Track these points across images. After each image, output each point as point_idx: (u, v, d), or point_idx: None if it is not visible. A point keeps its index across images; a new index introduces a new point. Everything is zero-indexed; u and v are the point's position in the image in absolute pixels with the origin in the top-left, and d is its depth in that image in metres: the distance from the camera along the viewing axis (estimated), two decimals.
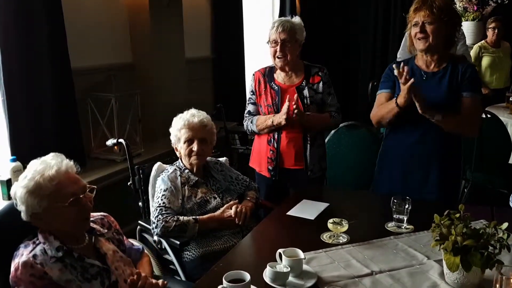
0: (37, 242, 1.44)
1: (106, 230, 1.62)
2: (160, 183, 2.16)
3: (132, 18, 3.58)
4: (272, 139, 2.52)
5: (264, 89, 2.54)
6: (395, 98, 2.16)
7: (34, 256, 1.38)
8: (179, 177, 2.17)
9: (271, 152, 2.53)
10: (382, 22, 6.34)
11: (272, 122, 2.43)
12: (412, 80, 2.02)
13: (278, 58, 2.44)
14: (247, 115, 2.63)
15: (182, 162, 2.25)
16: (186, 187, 2.16)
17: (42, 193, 1.39)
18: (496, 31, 4.82)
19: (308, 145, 2.50)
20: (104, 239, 1.59)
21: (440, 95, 2.16)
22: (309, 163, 2.51)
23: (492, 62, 4.90)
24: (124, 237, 1.72)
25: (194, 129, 2.19)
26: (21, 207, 1.41)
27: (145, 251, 1.82)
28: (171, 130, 2.26)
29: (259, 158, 2.61)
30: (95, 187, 1.53)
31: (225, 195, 2.22)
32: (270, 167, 2.54)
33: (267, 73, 2.57)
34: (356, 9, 6.55)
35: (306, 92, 2.46)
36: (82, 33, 3.11)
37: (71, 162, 1.50)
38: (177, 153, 2.27)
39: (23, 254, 1.39)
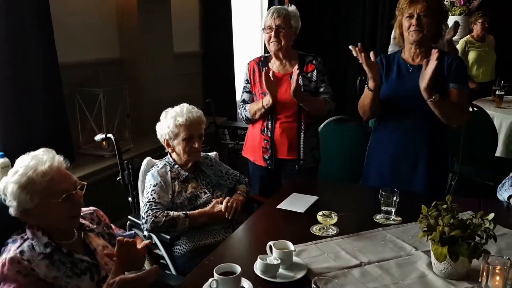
0: (25, 237, 1.42)
1: (95, 226, 1.62)
2: (149, 178, 2.15)
3: (120, 13, 3.55)
4: (265, 129, 2.53)
5: (259, 77, 2.54)
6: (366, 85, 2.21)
7: (21, 252, 1.37)
8: (169, 172, 2.16)
9: (265, 141, 2.54)
10: (370, 16, 6.38)
11: (262, 103, 2.45)
12: (372, 52, 2.11)
13: (272, 43, 2.45)
14: (241, 103, 2.64)
15: (171, 157, 2.24)
16: (176, 182, 2.15)
17: (35, 189, 1.37)
18: (484, 25, 4.87)
19: (302, 134, 2.51)
20: (94, 234, 1.58)
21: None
22: (302, 153, 2.52)
23: (478, 56, 4.95)
24: (113, 227, 1.72)
25: (193, 126, 2.17)
26: (12, 203, 1.39)
27: (137, 235, 1.81)
28: (162, 124, 2.22)
29: (253, 147, 2.62)
30: (85, 183, 1.52)
31: (215, 190, 2.22)
32: (266, 156, 2.55)
33: (262, 62, 2.58)
34: (344, 3, 6.57)
35: (300, 80, 2.46)
36: (69, 28, 3.08)
37: (62, 158, 1.48)
38: (169, 149, 2.24)
39: (10, 250, 1.37)
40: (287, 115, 2.50)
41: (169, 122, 2.18)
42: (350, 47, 2.13)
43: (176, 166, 2.21)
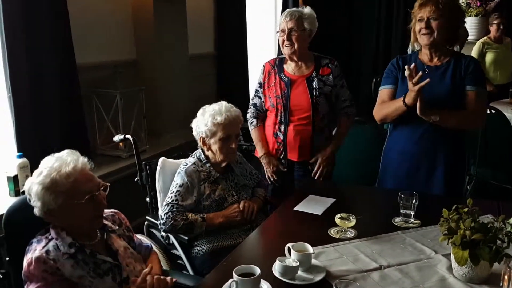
0: (50, 237, 1.44)
1: (117, 227, 1.63)
2: (177, 176, 2.11)
3: (136, 15, 3.58)
4: (278, 132, 2.53)
5: (274, 80, 2.54)
6: (402, 97, 2.15)
7: (47, 251, 1.39)
8: (197, 172, 2.10)
9: (278, 144, 2.54)
10: (385, 17, 6.34)
11: (262, 154, 2.58)
12: (427, 80, 2.02)
13: (286, 46, 2.45)
14: (251, 107, 2.65)
15: (203, 154, 2.17)
16: (206, 184, 2.10)
17: (58, 190, 1.39)
18: (500, 27, 4.81)
19: (315, 137, 2.51)
20: (116, 235, 1.60)
21: (443, 89, 2.16)
22: (314, 156, 2.52)
23: (495, 58, 4.89)
24: (134, 234, 1.73)
25: (231, 125, 2.11)
26: (36, 203, 1.41)
27: (154, 248, 1.83)
28: (199, 121, 2.14)
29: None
30: (109, 184, 1.53)
31: (241, 192, 2.20)
32: (280, 156, 2.55)
33: (277, 64, 2.57)
34: (359, 5, 6.54)
35: (315, 83, 2.46)
36: (86, 30, 3.11)
37: (86, 159, 1.50)
38: (204, 147, 2.16)
39: (36, 250, 1.39)
40: (301, 117, 2.49)
41: (206, 120, 2.11)
42: (405, 67, 2.10)
43: (208, 164, 2.15)
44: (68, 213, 1.42)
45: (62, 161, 1.43)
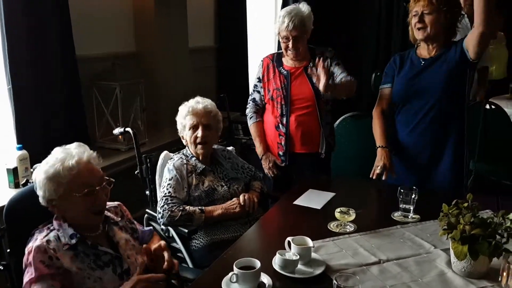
0: (51, 228, 1.46)
1: (119, 219, 1.64)
2: (165, 172, 2.17)
3: (136, 7, 3.57)
4: (280, 124, 2.54)
5: (273, 74, 2.55)
6: (380, 139, 2.29)
7: (48, 241, 1.40)
8: (185, 165, 2.17)
9: (280, 137, 2.54)
10: (386, 11, 6.30)
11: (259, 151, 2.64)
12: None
13: (290, 51, 2.45)
14: (250, 102, 2.66)
15: (189, 149, 2.25)
16: (193, 175, 2.16)
17: (60, 181, 1.42)
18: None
19: (322, 126, 2.51)
20: (117, 227, 1.61)
21: (440, 77, 2.16)
22: (321, 143, 2.53)
23: (490, 54, 4.88)
24: (136, 223, 1.74)
25: (199, 115, 2.18)
26: (39, 192, 1.45)
27: (155, 233, 1.85)
28: (177, 118, 2.26)
29: (268, 143, 2.63)
30: (113, 180, 1.54)
31: (232, 183, 2.22)
32: (280, 152, 2.55)
33: (276, 59, 2.59)
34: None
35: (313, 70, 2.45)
36: (86, 21, 3.10)
37: (94, 153, 1.52)
38: (184, 142, 2.27)
39: (37, 239, 1.41)
40: (303, 106, 2.49)
41: (180, 115, 2.23)
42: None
43: (193, 158, 2.21)
44: (67, 205, 1.45)
45: (68, 153, 1.46)
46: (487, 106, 3.43)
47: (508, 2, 5.04)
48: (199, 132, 2.16)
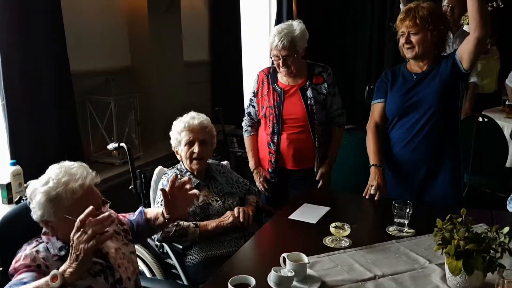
0: (40, 241, 1.45)
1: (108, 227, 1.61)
2: (160, 187, 2.16)
3: (131, 22, 3.58)
4: (271, 142, 2.54)
5: (267, 90, 2.55)
6: (374, 157, 2.30)
7: (37, 251, 1.39)
8: (179, 180, 2.15)
9: (270, 154, 2.54)
10: (378, 26, 6.38)
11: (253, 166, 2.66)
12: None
13: (282, 69, 2.45)
14: (246, 115, 2.68)
15: (183, 165, 2.25)
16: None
17: (61, 204, 1.39)
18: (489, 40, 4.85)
19: (317, 144, 2.53)
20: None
21: (433, 90, 2.18)
22: (316, 162, 2.54)
23: (482, 68, 4.93)
24: (125, 215, 1.72)
25: (194, 131, 2.19)
26: (37, 211, 1.41)
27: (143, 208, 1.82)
28: (171, 133, 2.26)
29: (261, 158, 2.64)
30: (109, 202, 1.52)
31: (227, 198, 2.22)
32: (270, 169, 2.56)
33: (271, 74, 2.58)
34: (353, 13, 6.59)
35: (309, 92, 2.47)
36: (81, 36, 3.10)
37: (93, 174, 1.49)
38: (178, 157, 2.26)
39: (26, 249, 1.40)
40: (295, 126, 2.50)
41: (175, 130, 2.23)
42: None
43: (188, 173, 2.21)
44: (65, 227, 1.41)
45: (71, 175, 1.42)
46: (480, 119, 3.46)
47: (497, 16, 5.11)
48: (196, 148, 2.16)
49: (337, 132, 2.62)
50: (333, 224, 1.81)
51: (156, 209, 1.79)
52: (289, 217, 2.06)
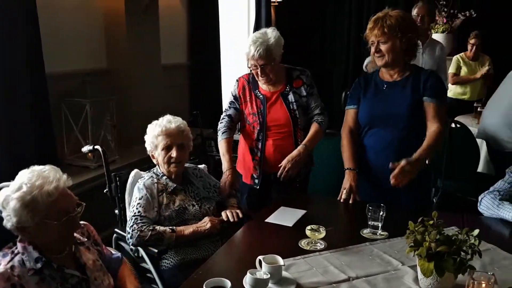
0: (16, 251, 1.40)
1: (86, 239, 1.60)
2: (135, 191, 2.13)
3: (108, 24, 3.55)
4: (255, 149, 2.53)
5: (249, 97, 2.53)
6: (348, 161, 2.32)
7: (12, 267, 1.35)
8: (156, 184, 2.14)
9: (254, 161, 2.54)
10: (355, 32, 6.48)
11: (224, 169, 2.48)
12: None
13: (261, 77, 2.44)
14: (226, 117, 2.58)
15: (159, 169, 2.23)
16: (164, 194, 2.13)
17: (38, 208, 1.35)
18: (473, 48, 4.96)
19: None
20: (84, 247, 1.56)
21: (403, 103, 2.22)
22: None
23: (467, 74, 5.04)
24: (103, 246, 1.70)
25: (172, 135, 2.16)
26: (12, 219, 1.36)
27: (124, 258, 1.80)
28: (147, 137, 2.23)
29: (243, 164, 2.62)
30: (84, 204, 1.49)
31: (203, 203, 2.21)
32: (254, 175, 2.54)
33: (251, 80, 2.56)
34: (331, 19, 6.68)
35: (291, 97, 2.47)
36: (57, 38, 3.07)
37: (66, 177, 1.46)
38: (154, 161, 2.23)
39: (0, 264, 1.35)
40: (279, 132, 2.49)
41: (151, 134, 2.19)
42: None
43: (164, 177, 2.19)
44: (42, 231, 1.39)
45: (44, 178, 1.39)
46: (453, 125, 3.54)
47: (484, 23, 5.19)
48: (174, 153, 2.14)
49: (315, 126, 2.52)
50: (308, 227, 1.82)
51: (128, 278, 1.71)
52: (266, 220, 2.06)
